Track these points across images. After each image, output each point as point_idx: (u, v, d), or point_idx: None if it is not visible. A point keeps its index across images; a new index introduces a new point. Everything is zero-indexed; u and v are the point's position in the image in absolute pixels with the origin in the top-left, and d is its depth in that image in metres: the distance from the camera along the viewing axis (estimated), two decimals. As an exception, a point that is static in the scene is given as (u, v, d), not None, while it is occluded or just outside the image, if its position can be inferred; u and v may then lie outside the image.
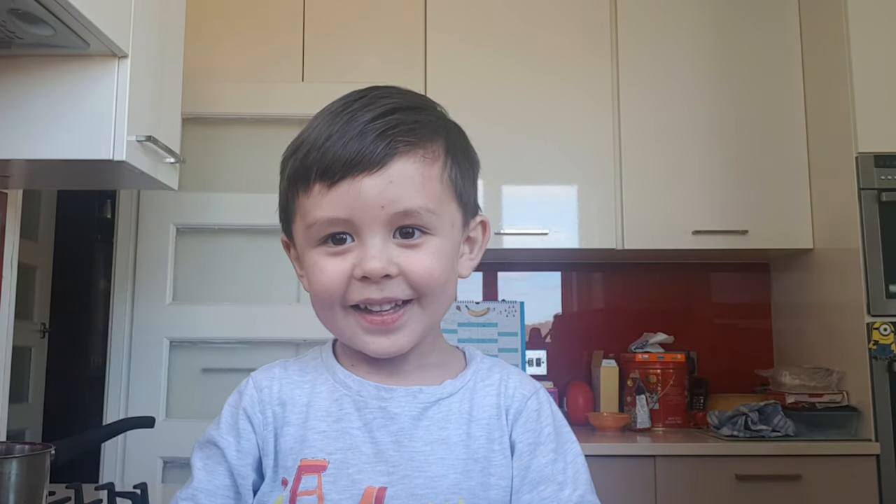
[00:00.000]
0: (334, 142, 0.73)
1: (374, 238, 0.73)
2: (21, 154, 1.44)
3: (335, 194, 0.73)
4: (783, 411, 2.40)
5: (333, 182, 0.73)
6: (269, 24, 2.76)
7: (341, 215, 0.73)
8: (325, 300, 0.76)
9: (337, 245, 0.75)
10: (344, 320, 0.76)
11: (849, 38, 2.46)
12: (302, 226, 0.77)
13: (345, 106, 0.77)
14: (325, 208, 0.73)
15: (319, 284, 0.76)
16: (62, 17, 1.24)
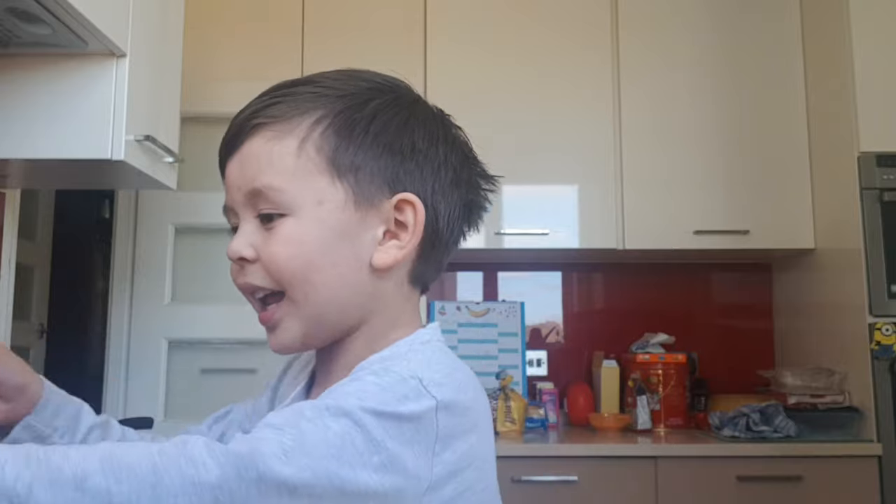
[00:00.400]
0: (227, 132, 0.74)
1: (246, 223, 0.71)
2: (19, 153, 1.43)
3: (225, 183, 0.74)
4: (785, 412, 2.40)
5: (223, 173, 0.74)
6: (268, 24, 2.76)
7: (227, 203, 0.73)
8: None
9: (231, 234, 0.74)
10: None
11: (850, 37, 2.45)
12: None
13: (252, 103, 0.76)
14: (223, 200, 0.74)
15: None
16: (60, 16, 1.23)
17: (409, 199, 0.71)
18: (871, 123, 2.41)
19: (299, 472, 0.54)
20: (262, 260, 0.70)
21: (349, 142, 0.70)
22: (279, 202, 0.69)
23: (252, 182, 0.69)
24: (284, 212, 0.69)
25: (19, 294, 1.86)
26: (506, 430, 2.47)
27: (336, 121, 0.70)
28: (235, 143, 0.71)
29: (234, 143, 0.72)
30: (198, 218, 2.67)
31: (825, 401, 2.43)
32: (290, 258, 0.69)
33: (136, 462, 0.52)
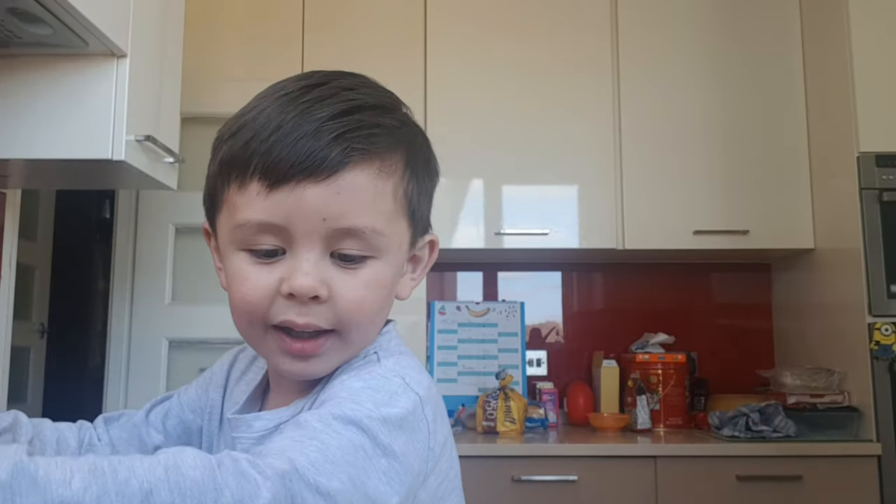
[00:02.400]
0: (283, 136, 0.63)
1: (309, 252, 0.64)
2: (20, 153, 1.43)
3: (274, 197, 0.63)
4: (784, 412, 2.40)
5: (274, 185, 0.63)
6: (268, 24, 2.76)
7: (276, 221, 0.64)
8: (245, 315, 0.67)
9: (265, 257, 0.66)
10: (263, 339, 0.68)
11: (850, 37, 2.45)
12: (229, 222, 0.67)
13: (301, 92, 0.66)
14: (258, 211, 0.64)
15: (241, 296, 0.66)
16: (61, 16, 1.23)
17: (435, 240, 0.75)
18: (871, 123, 2.41)
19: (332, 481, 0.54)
20: (339, 299, 0.65)
21: (420, 187, 0.71)
22: (374, 245, 0.66)
23: (352, 220, 0.64)
24: (374, 255, 0.66)
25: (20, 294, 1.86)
26: (506, 429, 2.47)
27: (413, 162, 0.69)
28: (325, 167, 0.63)
29: (322, 166, 0.63)
30: (198, 218, 2.61)
31: (824, 401, 2.43)
32: (371, 302, 0.67)
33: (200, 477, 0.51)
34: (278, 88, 0.68)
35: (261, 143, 0.64)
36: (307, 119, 0.63)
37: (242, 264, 0.66)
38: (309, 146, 0.62)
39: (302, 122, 0.63)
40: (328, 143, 0.63)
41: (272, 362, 0.71)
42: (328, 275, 0.65)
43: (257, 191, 0.64)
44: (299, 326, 0.65)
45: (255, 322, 0.67)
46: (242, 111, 0.69)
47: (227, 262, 0.68)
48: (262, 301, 0.65)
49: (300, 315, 0.65)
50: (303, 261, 0.64)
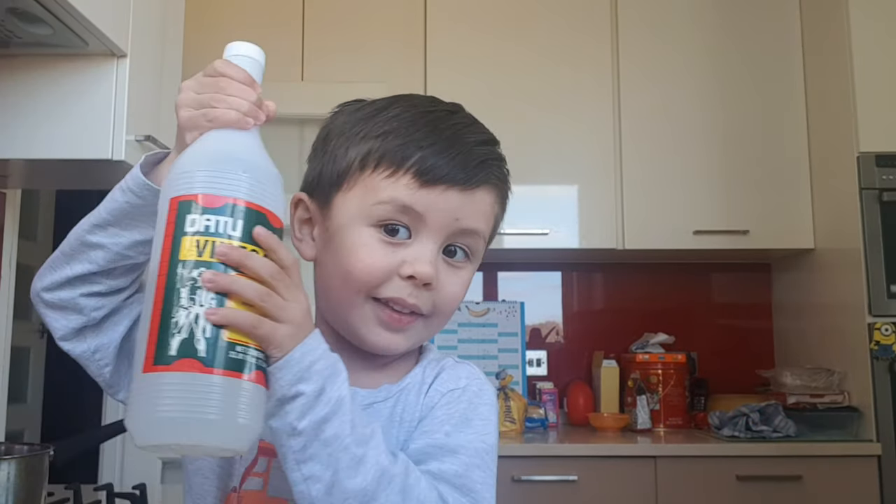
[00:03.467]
0: (439, 151, 0.75)
1: (434, 244, 0.75)
2: (20, 154, 1.43)
3: (423, 192, 0.74)
4: (784, 412, 2.40)
5: (426, 183, 0.74)
6: (268, 24, 2.76)
7: (419, 208, 0.74)
8: (357, 283, 0.75)
9: (391, 235, 0.75)
10: (360, 309, 0.76)
11: (850, 37, 2.45)
12: (363, 200, 0.76)
13: (442, 116, 0.79)
14: (406, 196, 0.74)
15: (363, 266, 0.74)
16: (61, 16, 1.23)
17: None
18: (871, 124, 2.41)
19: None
20: (441, 291, 0.76)
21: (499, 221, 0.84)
22: (476, 249, 0.79)
23: (476, 224, 0.77)
24: (472, 257, 0.79)
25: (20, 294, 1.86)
26: (506, 429, 2.47)
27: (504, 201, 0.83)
28: (470, 182, 0.76)
29: (468, 180, 0.76)
30: (198, 218, 2.66)
31: (824, 400, 2.43)
32: (460, 299, 0.79)
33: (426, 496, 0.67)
34: (415, 104, 0.80)
35: (419, 149, 0.75)
36: (460, 140, 0.77)
37: (370, 239, 0.75)
38: (462, 164, 0.76)
39: (456, 142, 0.76)
40: (476, 165, 0.77)
41: (362, 332, 0.77)
42: (440, 268, 0.76)
43: (408, 183, 0.74)
44: (408, 306, 0.75)
45: (362, 292, 0.75)
46: (381, 118, 0.79)
47: (348, 234, 0.76)
48: (380, 275, 0.74)
49: (411, 296, 0.75)
50: (427, 250, 0.75)
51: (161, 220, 0.62)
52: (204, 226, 0.60)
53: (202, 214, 0.60)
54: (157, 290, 0.59)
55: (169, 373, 0.57)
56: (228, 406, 0.58)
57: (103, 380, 0.79)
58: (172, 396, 0.57)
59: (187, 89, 0.68)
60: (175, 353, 0.57)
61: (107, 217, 0.73)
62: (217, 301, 0.59)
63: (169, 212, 0.61)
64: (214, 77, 0.67)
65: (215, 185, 0.61)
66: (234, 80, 0.67)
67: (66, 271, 0.74)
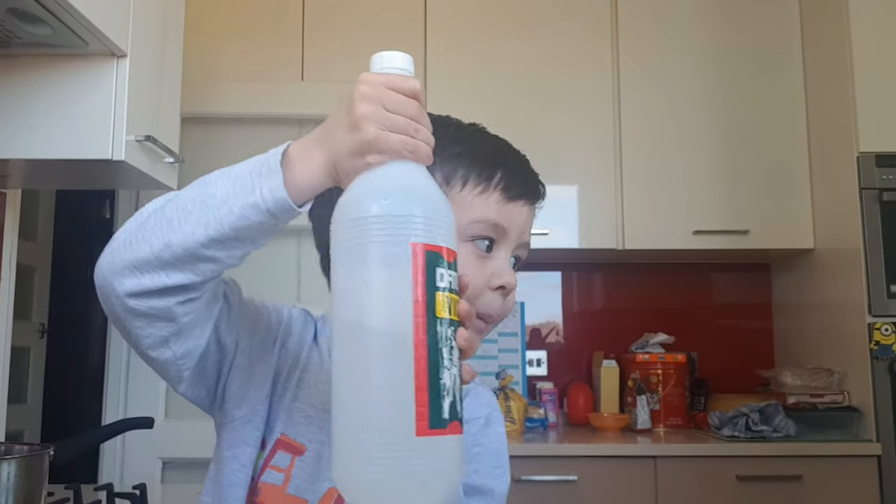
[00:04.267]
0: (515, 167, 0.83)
1: (510, 254, 0.82)
2: (20, 154, 1.43)
3: (508, 208, 0.80)
4: (784, 412, 2.40)
5: (511, 199, 0.81)
6: (268, 24, 2.76)
7: (504, 224, 0.80)
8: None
9: (485, 250, 0.80)
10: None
11: (850, 37, 2.45)
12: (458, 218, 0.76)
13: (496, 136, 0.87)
14: (495, 213, 0.79)
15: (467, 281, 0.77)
16: (61, 16, 1.23)
17: None
18: (871, 124, 2.41)
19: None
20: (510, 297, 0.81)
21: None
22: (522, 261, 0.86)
23: (529, 237, 0.85)
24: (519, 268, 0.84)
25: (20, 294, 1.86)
26: (506, 429, 2.47)
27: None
28: (535, 198, 0.84)
29: (535, 196, 0.84)
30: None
31: (824, 400, 2.43)
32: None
33: None
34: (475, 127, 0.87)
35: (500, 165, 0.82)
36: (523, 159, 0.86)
37: (468, 255, 0.78)
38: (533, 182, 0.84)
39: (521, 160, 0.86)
40: (538, 183, 0.85)
41: None
42: None
43: (498, 199, 0.80)
44: (494, 319, 0.80)
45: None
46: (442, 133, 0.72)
47: None
48: (478, 290, 0.78)
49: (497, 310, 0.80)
50: (505, 261, 0.81)
51: (403, 265, 0.57)
52: (448, 282, 0.59)
53: (447, 269, 0.59)
54: (418, 345, 0.57)
55: (448, 436, 0.57)
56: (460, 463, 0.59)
57: (179, 381, 0.75)
58: (450, 458, 0.57)
59: (373, 99, 0.62)
60: (448, 415, 0.57)
61: (231, 233, 0.65)
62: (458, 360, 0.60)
63: (415, 258, 0.57)
64: (408, 99, 0.62)
65: (445, 236, 0.60)
66: (423, 109, 0.63)
67: (163, 279, 0.66)
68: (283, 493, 0.75)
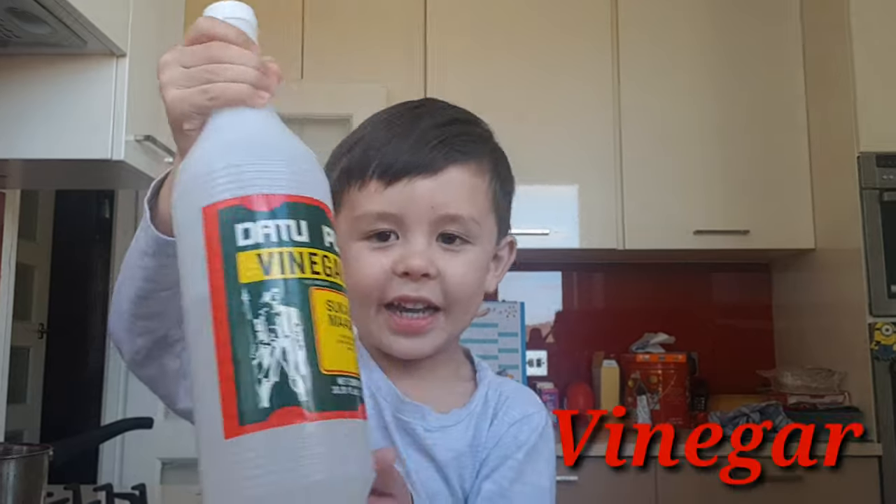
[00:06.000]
0: (396, 145, 0.76)
1: (419, 237, 0.75)
2: (19, 154, 1.43)
3: (390, 191, 0.75)
4: (784, 412, 2.40)
5: (390, 181, 0.75)
6: (268, 24, 2.74)
7: (392, 211, 0.75)
8: (363, 295, 0.76)
9: (381, 241, 0.76)
10: (375, 319, 0.77)
11: (850, 37, 2.45)
12: (348, 218, 0.77)
13: (404, 112, 0.80)
14: (377, 203, 0.75)
15: (360, 276, 0.75)
16: (60, 15, 1.23)
17: (514, 242, 0.86)
18: (871, 123, 2.41)
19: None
20: (446, 277, 0.76)
21: (504, 190, 0.83)
22: (472, 233, 0.77)
23: (455, 208, 0.76)
24: (471, 241, 0.77)
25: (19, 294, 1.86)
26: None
27: (498, 168, 0.82)
28: (431, 165, 0.75)
29: (429, 164, 0.75)
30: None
31: (825, 401, 2.43)
32: (472, 281, 0.78)
33: None
34: (382, 114, 0.81)
35: (377, 150, 0.76)
36: (413, 130, 0.77)
37: (361, 252, 0.76)
38: (417, 150, 0.75)
39: (410, 133, 0.76)
40: (433, 146, 0.76)
41: (384, 343, 0.77)
42: (436, 256, 0.75)
43: (375, 187, 0.75)
44: (412, 300, 0.75)
45: (371, 302, 0.76)
46: (354, 133, 0.81)
47: (347, 255, 0.75)
48: (378, 280, 0.75)
49: (414, 290, 0.75)
50: (414, 244, 0.75)
51: (191, 238, 0.49)
52: (263, 234, 0.47)
53: (256, 221, 0.48)
54: (218, 330, 0.46)
55: (267, 431, 0.44)
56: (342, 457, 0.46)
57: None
58: (278, 461, 0.44)
59: (171, 64, 0.55)
60: (268, 403, 0.45)
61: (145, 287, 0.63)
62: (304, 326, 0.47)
63: (206, 225, 0.48)
64: (205, 44, 0.55)
65: (260, 180, 0.49)
66: (229, 44, 0.56)
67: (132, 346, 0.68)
68: None
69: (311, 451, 0.45)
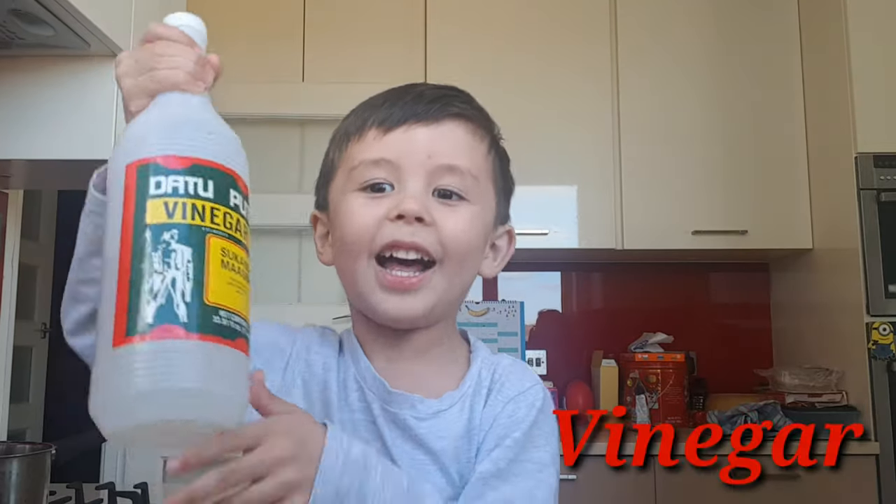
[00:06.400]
0: (392, 102, 0.77)
1: (416, 184, 0.74)
2: (22, 154, 1.44)
3: (389, 138, 0.75)
4: (782, 411, 2.41)
5: (389, 128, 0.75)
6: (269, 25, 2.76)
7: (389, 156, 0.74)
8: (354, 243, 0.75)
9: (376, 192, 0.75)
10: (364, 272, 0.75)
11: (848, 37, 2.46)
12: (344, 172, 0.78)
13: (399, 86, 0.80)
14: (374, 150, 0.75)
15: (351, 226, 0.75)
16: (63, 17, 1.24)
17: (513, 232, 0.85)
18: (869, 124, 2.42)
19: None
20: (442, 227, 0.74)
21: (503, 173, 0.82)
22: (468, 188, 0.76)
23: (453, 159, 0.75)
24: (467, 197, 0.76)
25: (22, 294, 1.87)
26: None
27: (496, 146, 0.82)
28: (432, 115, 0.75)
29: (430, 113, 0.75)
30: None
31: (823, 400, 2.44)
32: (469, 238, 0.76)
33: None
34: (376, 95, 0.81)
35: (374, 109, 0.77)
36: (409, 91, 0.78)
37: (354, 202, 0.75)
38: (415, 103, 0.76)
39: (406, 94, 0.77)
40: (430, 100, 0.76)
41: (371, 301, 0.75)
42: (431, 206, 0.74)
43: (374, 136, 0.76)
44: (405, 245, 0.73)
45: (362, 252, 0.74)
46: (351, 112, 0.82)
47: (341, 209, 0.76)
48: (370, 227, 0.73)
49: (408, 235, 0.73)
50: (410, 189, 0.73)
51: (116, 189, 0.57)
52: (172, 187, 0.55)
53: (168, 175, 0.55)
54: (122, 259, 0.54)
55: (148, 342, 0.51)
56: (216, 375, 0.52)
57: None
58: (154, 366, 0.51)
59: (126, 58, 0.66)
60: (152, 320, 0.51)
61: (85, 249, 0.71)
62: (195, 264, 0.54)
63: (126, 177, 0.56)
64: (152, 41, 0.66)
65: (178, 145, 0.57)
66: (172, 42, 0.66)
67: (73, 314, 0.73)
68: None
69: (184, 361, 0.52)
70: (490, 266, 0.83)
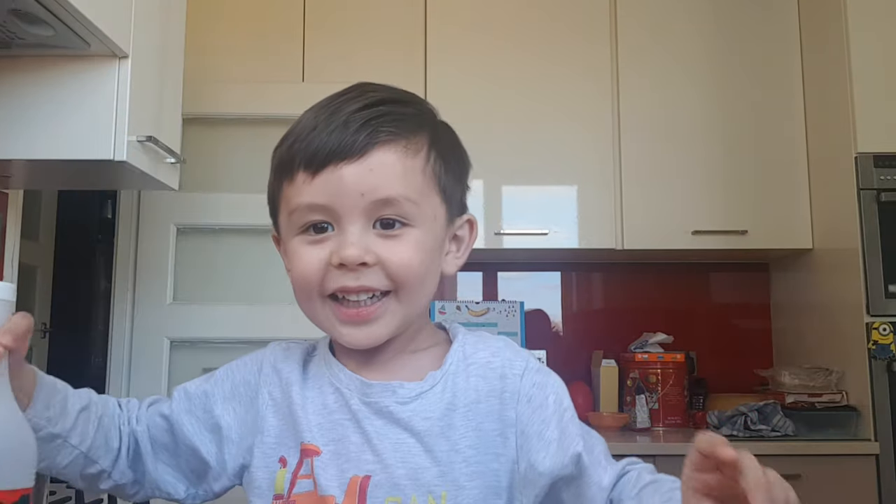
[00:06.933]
0: (319, 132, 0.74)
1: (353, 226, 0.73)
2: (22, 154, 1.45)
3: (317, 181, 0.74)
4: (782, 411, 2.41)
5: (316, 170, 0.74)
6: (269, 25, 2.77)
7: (321, 202, 0.74)
8: (304, 288, 0.76)
9: (317, 234, 0.75)
10: (321, 310, 0.77)
11: (848, 37, 2.46)
12: (285, 214, 0.78)
13: (332, 98, 0.78)
14: (306, 195, 0.74)
15: (298, 272, 0.76)
16: (63, 17, 1.25)
17: (473, 220, 0.84)
18: (869, 124, 2.42)
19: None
20: (387, 262, 0.74)
21: (448, 167, 0.80)
22: (409, 213, 0.75)
23: (386, 191, 0.73)
24: (410, 223, 0.75)
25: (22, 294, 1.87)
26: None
27: (437, 144, 0.79)
28: (358, 148, 0.73)
29: (356, 147, 0.73)
30: (199, 218, 2.68)
31: (823, 400, 2.44)
32: (418, 263, 0.75)
33: None
34: (317, 103, 0.80)
35: (301, 141, 0.75)
36: (337, 115, 0.75)
37: (298, 246, 0.76)
38: (340, 135, 0.73)
39: (332, 119, 0.75)
40: (357, 129, 0.74)
41: (334, 335, 0.78)
42: (372, 243, 0.74)
43: (303, 179, 0.74)
44: (353, 290, 0.74)
45: (313, 294, 0.76)
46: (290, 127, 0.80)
47: (289, 249, 0.78)
48: (316, 273, 0.75)
49: (353, 280, 0.74)
50: (348, 234, 0.73)
51: None
52: None
53: None
54: None
55: None
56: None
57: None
58: None
59: None
60: None
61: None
62: None
63: None
64: None
65: None
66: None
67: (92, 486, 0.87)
68: (315, 496, 0.75)
69: None
70: (453, 261, 0.83)
